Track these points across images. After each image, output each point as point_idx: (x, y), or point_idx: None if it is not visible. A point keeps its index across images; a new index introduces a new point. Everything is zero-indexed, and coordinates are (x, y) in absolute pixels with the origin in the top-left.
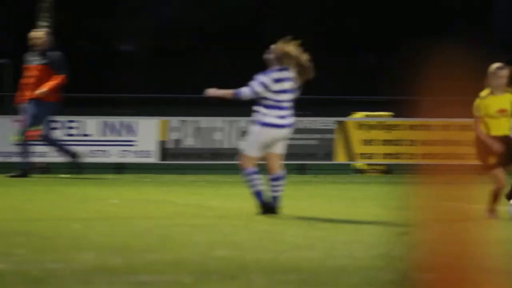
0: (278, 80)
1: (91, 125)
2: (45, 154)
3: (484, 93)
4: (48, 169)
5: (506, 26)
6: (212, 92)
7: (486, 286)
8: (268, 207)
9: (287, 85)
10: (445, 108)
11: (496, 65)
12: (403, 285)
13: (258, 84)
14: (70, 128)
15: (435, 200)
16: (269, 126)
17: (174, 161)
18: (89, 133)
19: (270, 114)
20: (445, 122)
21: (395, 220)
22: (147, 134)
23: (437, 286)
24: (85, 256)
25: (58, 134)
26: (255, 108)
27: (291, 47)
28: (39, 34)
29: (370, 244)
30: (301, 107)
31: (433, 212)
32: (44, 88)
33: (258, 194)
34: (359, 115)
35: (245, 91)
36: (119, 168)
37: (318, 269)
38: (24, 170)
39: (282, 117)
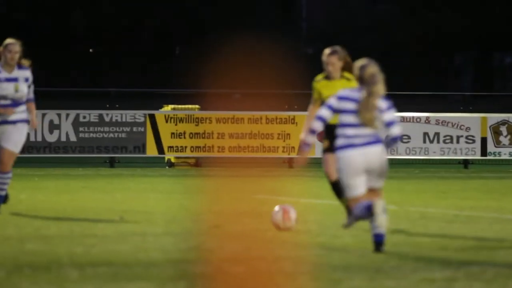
0: None
1: None
2: None
3: (319, 76)
4: None
5: (312, 17)
6: None
7: (298, 277)
8: None
9: None
10: (254, 101)
11: (327, 51)
12: (214, 277)
13: None
14: None
15: (245, 192)
16: None
17: None
18: None
19: None
20: (254, 115)
21: (206, 213)
22: None
23: (249, 279)
24: None
25: None
26: None
27: None
28: None
29: (181, 237)
30: (110, 100)
31: (243, 205)
32: None
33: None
34: (168, 108)
35: None
36: None
37: (130, 262)
38: None
39: None
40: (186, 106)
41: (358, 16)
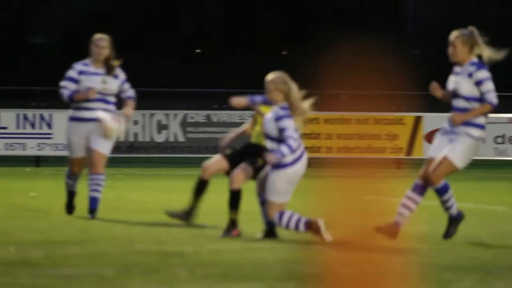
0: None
1: (7, 118)
2: None
3: None
4: None
5: (417, 19)
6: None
7: (407, 279)
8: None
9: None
10: (361, 102)
11: None
12: (323, 278)
13: None
14: None
15: (353, 193)
16: None
17: None
18: (4, 125)
19: None
20: (362, 116)
21: (314, 214)
22: (62, 127)
23: (357, 280)
24: (6, 250)
25: None
26: None
27: None
28: None
29: (290, 237)
30: (217, 100)
31: (352, 206)
32: None
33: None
34: None
35: None
36: (37, 161)
37: (239, 262)
38: None
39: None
40: None
41: (466, 17)
